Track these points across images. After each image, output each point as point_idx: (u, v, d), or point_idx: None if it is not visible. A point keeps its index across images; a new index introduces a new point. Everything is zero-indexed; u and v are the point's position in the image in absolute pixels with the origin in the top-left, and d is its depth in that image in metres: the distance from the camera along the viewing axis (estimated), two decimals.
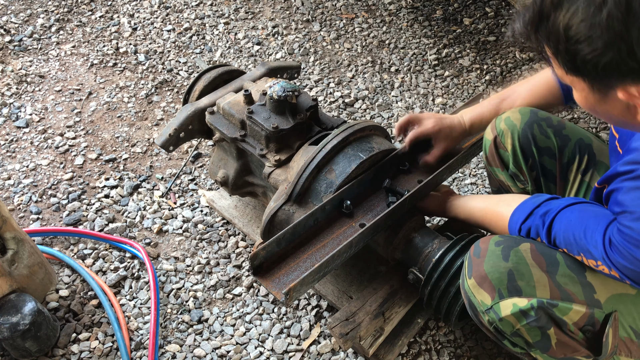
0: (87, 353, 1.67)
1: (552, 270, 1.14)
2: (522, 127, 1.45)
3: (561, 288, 1.12)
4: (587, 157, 1.42)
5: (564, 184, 1.44)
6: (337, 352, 1.69)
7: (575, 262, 1.15)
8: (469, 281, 1.20)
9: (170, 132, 1.76)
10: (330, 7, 3.20)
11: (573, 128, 1.46)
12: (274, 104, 1.61)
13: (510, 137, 1.47)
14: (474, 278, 1.19)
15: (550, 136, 1.44)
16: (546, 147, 1.45)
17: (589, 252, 1.07)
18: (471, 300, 1.21)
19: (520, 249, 1.17)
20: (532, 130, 1.44)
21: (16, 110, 2.49)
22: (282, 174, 1.61)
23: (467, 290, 1.21)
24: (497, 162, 1.52)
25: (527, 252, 1.17)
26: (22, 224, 2.05)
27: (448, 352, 1.70)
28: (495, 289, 1.15)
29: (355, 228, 1.48)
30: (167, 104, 2.58)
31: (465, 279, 1.22)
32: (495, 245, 1.19)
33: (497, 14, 3.24)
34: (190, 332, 1.75)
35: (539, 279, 1.13)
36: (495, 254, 1.18)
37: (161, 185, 2.21)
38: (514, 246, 1.18)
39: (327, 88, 2.69)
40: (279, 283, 1.34)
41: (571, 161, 1.44)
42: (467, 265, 1.22)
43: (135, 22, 3.02)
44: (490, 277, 1.16)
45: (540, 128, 1.44)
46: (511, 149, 1.47)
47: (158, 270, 1.90)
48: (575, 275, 1.14)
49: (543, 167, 1.46)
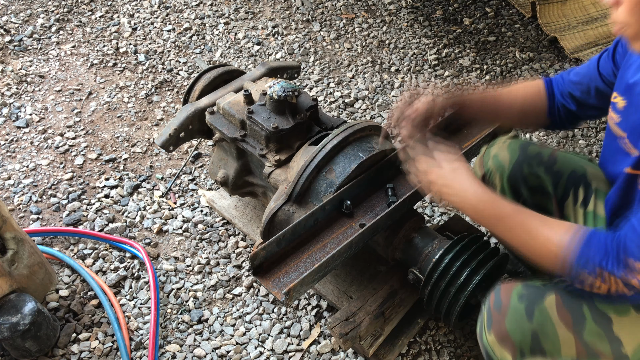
0: (87, 353, 1.67)
1: (579, 328, 1.08)
2: (510, 168, 1.42)
3: (588, 347, 1.07)
4: (582, 189, 1.37)
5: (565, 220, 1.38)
6: (337, 352, 1.69)
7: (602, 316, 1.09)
8: (489, 337, 1.15)
9: (170, 132, 1.76)
10: (330, 7, 3.20)
11: (564, 161, 1.42)
12: (274, 104, 1.61)
13: (498, 178, 1.45)
14: (494, 334, 1.13)
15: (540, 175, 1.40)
16: (538, 185, 1.41)
17: None
18: (490, 356, 1.17)
19: (545, 305, 1.10)
20: (522, 171, 1.41)
21: (16, 110, 2.49)
22: (282, 174, 1.61)
23: (487, 345, 1.17)
24: None
25: (553, 309, 1.09)
26: (22, 224, 2.05)
27: (448, 352, 1.70)
28: (517, 348, 1.10)
29: (355, 228, 1.48)
30: (167, 104, 2.58)
31: (484, 332, 1.16)
32: (519, 301, 1.11)
33: (497, 14, 3.24)
34: (190, 332, 1.75)
35: (565, 340, 1.07)
36: (518, 311, 1.11)
37: (161, 185, 2.21)
38: (539, 302, 1.10)
39: (327, 88, 2.69)
40: (279, 283, 1.34)
41: (565, 196, 1.40)
42: (487, 317, 1.16)
43: (135, 22, 3.02)
44: (512, 337, 1.10)
45: (530, 168, 1.41)
46: (500, 189, 1.45)
47: (158, 270, 1.90)
48: (602, 331, 1.08)
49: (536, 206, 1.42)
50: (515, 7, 3.16)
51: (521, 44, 3.03)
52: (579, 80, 1.38)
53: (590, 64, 1.38)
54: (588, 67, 1.38)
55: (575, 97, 1.39)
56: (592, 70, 1.35)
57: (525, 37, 3.08)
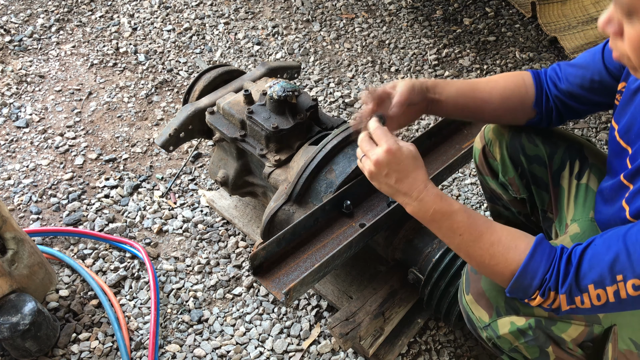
0: (87, 353, 1.67)
1: None
2: (510, 136, 1.42)
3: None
4: (578, 162, 1.37)
5: (558, 190, 1.40)
6: (337, 352, 1.69)
7: None
8: (467, 297, 1.18)
9: (170, 132, 1.76)
10: (330, 7, 3.20)
11: (562, 134, 1.42)
12: (274, 104, 1.61)
13: (498, 146, 1.44)
14: (471, 294, 1.17)
15: (538, 144, 1.40)
16: (535, 155, 1.41)
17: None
18: (469, 316, 1.20)
19: None
20: (521, 139, 1.40)
21: (16, 110, 2.49)
22: (282, 174, 1.61)
23: (465, 306, 1.20)
24: (487, 171, 1.51)
25: None
26: (22, 224, 2.05)
27: (448, 352, 1.70)
28: (492, 306, 1.14)
29: (355, 228, 1.48)
30: (167, 104, 2.58)
31: (463, 294, 1.20)
32: None
33: (497, 14, 3.24)
34: (190, 332, 1.75)
35: None
36: None
37: (161, 185, 2.21)
38: None
39: (327, 88, 2.69)
40: (279, 283, 1.34)
41: (562, 167, 1.40)
42: (465, 280, 1.20)
43: (135, 22, 3.02)
44: (487, 294, 1.14)
45: (528, 136, 1.40)
46: (500, 158, 1.45)
47: (158, 270, 1.90)
48: None
49: (533, 176, 1.43)
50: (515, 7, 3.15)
51: (521, 44, 3.03)
52: (578, 73, 1.29)
53: (592, 54, 1.27)
54: (590, 57, 1.27)
55: (571, 89, 1.30)
56: (596, 61, 1.25)
57: (525, 37, 3.08)
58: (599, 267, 0.96)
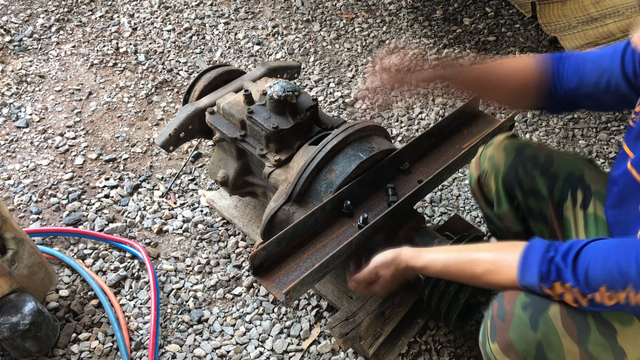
0: (87, 353, 1.67)
1: (583, 338, 1.06)
2: (505, 169, 1.41)
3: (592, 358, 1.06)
4: (581, 191, 1.35)
5: (563, 223, 1.38)
6: (337, 352, 1.70)
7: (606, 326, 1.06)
8: (492, 345, 1.13)
9: (170, 132, 1.76)
10: (330, 7, 3.20)
11: (561, 163, 1.39)
12: (274, 104, 1.61)
13: (494, 179, 1.44)
14: (497, 344, 1.12)
15: (535, 177, 1.39)
16: (531, 189, 1.40)
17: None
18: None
19: (549, 315, 1.07)
20: (517, 173, 1.39)
21: (16, 110, 2.49)
22: (282, 174, 1.61)
23: (490, 354, 1.15)
24: (482, 201, 1.52)
25: (558, 320, 1.06)
26: (22, 224, 2.05)
27: (448, 352, 1.70)
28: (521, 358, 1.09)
29: (355, 228, 1.48)
30: (167, 104, 2.58)
31: (488, 341, 1.15)
32: (523, 310, 1.09)
33: (497, 14, 3.24)
34: (190, 332, 1.75)
35: (569, 351, 1.06)
36: (522, 321, 1.08)
37: (161, 185, 2.21)
38: (543, 311, 1.07)
39: (327, 88, 2.69)
40: (279, 283, 1.34)
41: (563, 199, 1.37)
42: (490, 327, 1.14)
43: (135, 22, 3.02)
44: (516, 347, 1.09)
45: (525, 170, 1.39)
46: (495, 191, 1.44)
47: (158, 270, 1.90)
48: (606, 342, 1.06)
49: (530, 209, 1.42)
50: (515, 7, 3.16)
51: (521, 44, 3.03)
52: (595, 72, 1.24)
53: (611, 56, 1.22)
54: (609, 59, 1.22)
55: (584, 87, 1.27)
56: (615, 66, 1.21)
57: (525, 37, 3.08)
58: (609, 270, 0.98)
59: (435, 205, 2.17)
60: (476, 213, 2.14)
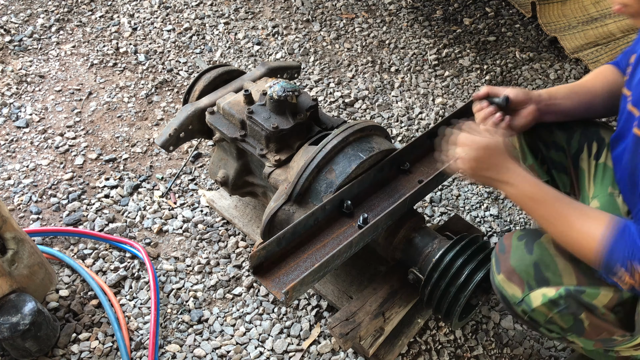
0: (87, 353, 1.67)
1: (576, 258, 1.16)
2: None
3: (587, 274, 1.15)
4: (596, 143, 1.43)
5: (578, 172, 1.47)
6: (337, 352, 1.69)
7: None
8: (499, 277, 1.24)
9: (170, 132, 1.76)
10: (330, 7, 3.20)
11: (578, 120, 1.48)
12: (274, 104, 1.61)
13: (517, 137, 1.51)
14: (502, 273, 1.23)
15: (554, 130, 1.47)
16: (552, 141, 1.47)
17: None
18: (503, 294, 1.25)
19: (542, 240, 1.21)
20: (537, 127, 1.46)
21: (16, 110, 2.49)
22: (282, 174, 1.61)
23: (498, 285, 1.25)
24: None
25: (550, 243, 1.20)
26: (22, 224, 2.05)
27: (448, 352, 1.70)
28: (524, 281, 1.20)
29: (355, 228, 1.48)
30: (167, 104, 2.58)
31: (495, 275, 1.26)
32: (518, 240, 1.24)
33: (497, 14, 3.24)
34: (190, 332, 1.75)
35: (564, 268, 1.17)
36: (519, 248, 1.22)
37: (161, 185, 2.21)
38: (537, 239, 1.22)
39: (327, 88, 2.69)
40: (279, 283, 1.34)
41: (580, 150, 1.46)
42: (495, 262, 1.27)
43: (135, 22, 3.02)
44: (517, 270, 1.21)
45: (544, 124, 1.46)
46: (519, 146, 1.52)
47: (158, 270, 1.90)
48: None
49: (552, 161, 1.50)
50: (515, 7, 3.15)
51: (521, 44, 3.03)
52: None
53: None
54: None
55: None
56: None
57: (525, 37, 3.08)
58: None
59: (435, 205, 2.17)
60: (476, 213, 2.14)
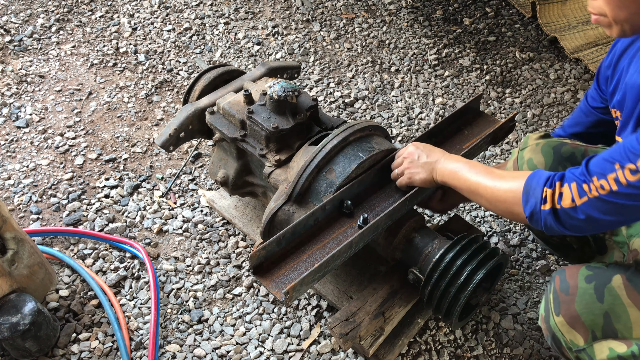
0: (87, 353, 1.67)
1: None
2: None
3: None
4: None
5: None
6: (337, 352, 1.69)
7: None
8: (557, 319, 1.16)
9: (170, 132, 1.76)
10: (330, 7, 3.20)
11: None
12: (274, 104, 1.61)
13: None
14: (563, 317, 1.15)
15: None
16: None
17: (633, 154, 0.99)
18: (558, 338, 1.18)
19: (613, 286, 1.11)
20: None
21: (16, 110, 2.49)
22: (282, 174, 1.61)
23: (554, 328, 1.18)
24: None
25: (622, 289, 1.10)
26: (22, 224, 2.05)
27: (448, 352, 1.70)
28: (589, 330, 1.12)
29: (355, 228, 1.48)
30: (167, 104, 2.58)
31: (552, 315, 1.18)
32: (587, 282, 1.13)
33: (497, 14, 3.24)
34: (190, 332, 1.75)
35: (636, 320, 1.09)
36: (587, 293, 1.12)
37: (161, 185, 2.21)
38: (607, 282, 1.11)
39: (327, 88, 2.69)
40: (279, 283, 1.34)
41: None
42: (553, 300, 1.18)
43: (135, 22, 3.02)
44: (583, 318, 1.12)
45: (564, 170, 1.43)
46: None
47: (158, 270, 1.90)
48: None
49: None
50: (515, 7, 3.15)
51: (521, 44, 3.03)
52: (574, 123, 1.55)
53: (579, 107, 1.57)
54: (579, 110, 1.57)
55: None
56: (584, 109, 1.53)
57: (525, 37, 3.08)
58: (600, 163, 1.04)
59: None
60: (476, 213, 2.14)
